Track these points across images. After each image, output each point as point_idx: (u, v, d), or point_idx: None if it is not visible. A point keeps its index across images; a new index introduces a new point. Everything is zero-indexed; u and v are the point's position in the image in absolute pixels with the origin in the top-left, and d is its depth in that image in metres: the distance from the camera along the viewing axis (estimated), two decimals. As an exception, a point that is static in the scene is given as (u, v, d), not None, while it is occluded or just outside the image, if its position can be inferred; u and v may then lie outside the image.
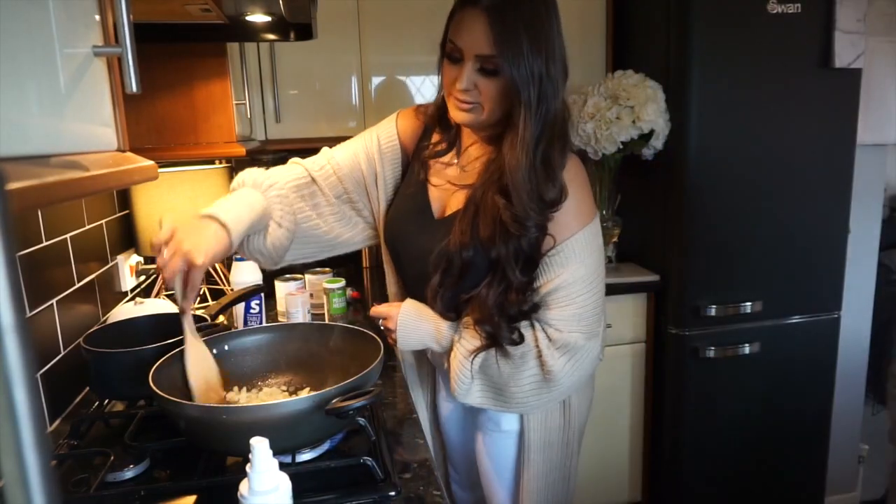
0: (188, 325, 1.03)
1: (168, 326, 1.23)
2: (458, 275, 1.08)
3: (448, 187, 1.16)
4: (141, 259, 1.72)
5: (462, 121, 1.09)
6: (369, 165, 1.22)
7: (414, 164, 1.21)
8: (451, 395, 1.19)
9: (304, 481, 0.88)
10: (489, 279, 1.07)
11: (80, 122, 0.61)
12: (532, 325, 1.10)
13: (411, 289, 1.24)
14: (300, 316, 1.61)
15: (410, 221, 1.18)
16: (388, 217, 1.23)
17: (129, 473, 0.95)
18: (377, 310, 1.20)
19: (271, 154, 2.26)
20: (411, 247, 1.17)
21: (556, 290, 1.08)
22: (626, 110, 1.95)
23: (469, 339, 1.11)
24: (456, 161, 1.18)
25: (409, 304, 1.18)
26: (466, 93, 1.04)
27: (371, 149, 1.22)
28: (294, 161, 1.24)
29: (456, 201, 1.13)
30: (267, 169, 1.21)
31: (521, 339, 1.09)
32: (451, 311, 1.13)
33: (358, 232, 1.26)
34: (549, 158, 1.03)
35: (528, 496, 1.21)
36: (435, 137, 1.20)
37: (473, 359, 1.10)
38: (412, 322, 1.16)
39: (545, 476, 1.21)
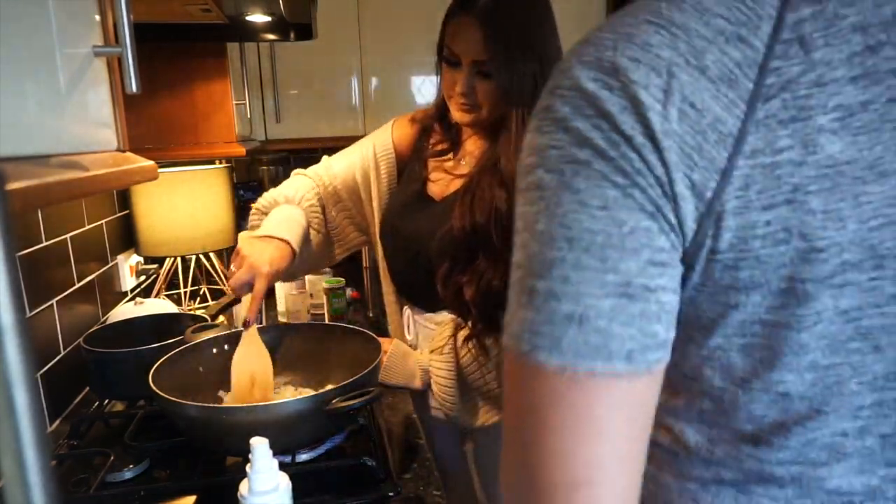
0: (248, 333, 1.07)
1: (168, 326, 1.24)
2: (465, 259, 1.09)
3: (446, 177, 1.18)
4: (141, 259, 1.72)
5: (464, 122, 1.12)
6: (364, 173, 1.25)
7: (414, 164, 1.23)
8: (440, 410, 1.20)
9: (304, 481, 0.88)
10: (483, 257, 1.08)
11: (79, 122, 0.62)
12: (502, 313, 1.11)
13: (402, 275, 1.25)
14: (300, 316, 1.61)
15: (407, 206, 1.20)
16: (384, 210, 1.25)
17: (129, 473, 0.95)
18: None
19: (271, 154, 2.26)
20: (407, 228, 1.18)
21: None
22: (626, 110, 1.95)
23: (440, 361, 1.14)
24: (453, 155, 1.20)
25: (399, 343, 1.23)
26: (466, 96, 1.07)
27: (367, 157, 1.26)
28: (298, 173, 1.28)
29: (454, 187, 1.16)
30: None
31: (499, 326, 1.09)
32: (458, 299, 1.13)
33: (349, 241, 1.31)
34: None
35: None
36: (435, 137, 1.22)
37: (456, 364, 1.13)
38: (399, 360, 1.20)
39: None
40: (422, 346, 1.23)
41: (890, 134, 0.37)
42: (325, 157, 1.31)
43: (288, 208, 1.17)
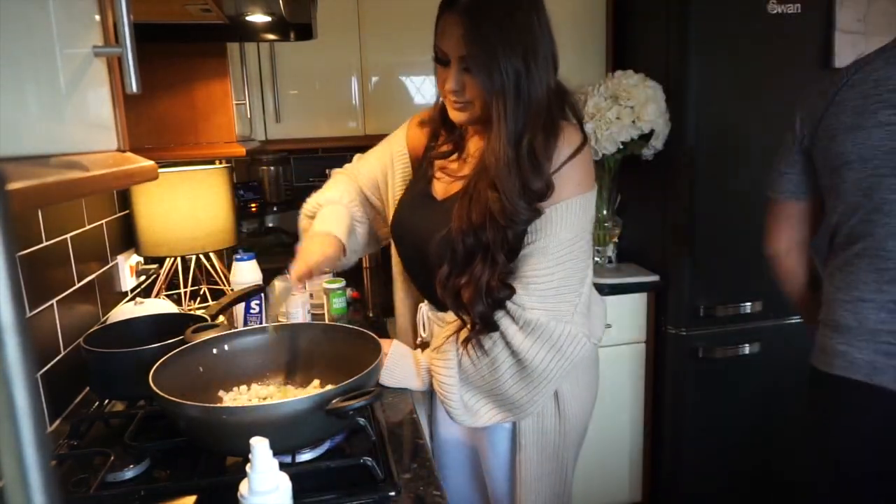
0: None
1: (168, 326, 1.24)
2: (462, 262, 1.09)
3: (448, 178, 1.20)
4: (141, 259, 1.72)
5: (459, 120, 1.13)
6: (383, 174, 1.33)
7: (422, 162, 1.26)
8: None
9: (304, 481, 0.88)
10: (480, 259, 1.08)
11: (80, 122, 0.62)
12: (500, 313, 1.11)
13: (415, 274, 1.28)
14: (300, 316, 1.61)
15: (414, 205, 1.23)
16: (395, 208, 1.29)
17: (129, 473, 0.95)
18: None
19: (271, 154, 2.26)
20: (412, 226, 1.22)
21: (524, 258, 1.09)
22: (626, 110, 1.95)
23: (441, 360, 1.15)
24: (458, 156, 1.22)
25: (398, 343, 1.24)
26: (457, 93, 1.08)
27: (385, 159, 1.33)
28: (337, 172, 1.38)
29: (455, 189, 1.17)
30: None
31: (496, 326, 1.10)
32: (457, 301, 1.13)
33: (384, 234, 1.39)
34: (533, 149, 1.04)
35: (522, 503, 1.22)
36: (440, 139, 1.25)
37: (455, 367, 1.13)
38: (399, 360, 1.21)
39: (538, 483, 1.21)
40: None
41: (879, 114, 1.12)
42: (357, 156, 1.39)
43: (332, 208, 1.28)
